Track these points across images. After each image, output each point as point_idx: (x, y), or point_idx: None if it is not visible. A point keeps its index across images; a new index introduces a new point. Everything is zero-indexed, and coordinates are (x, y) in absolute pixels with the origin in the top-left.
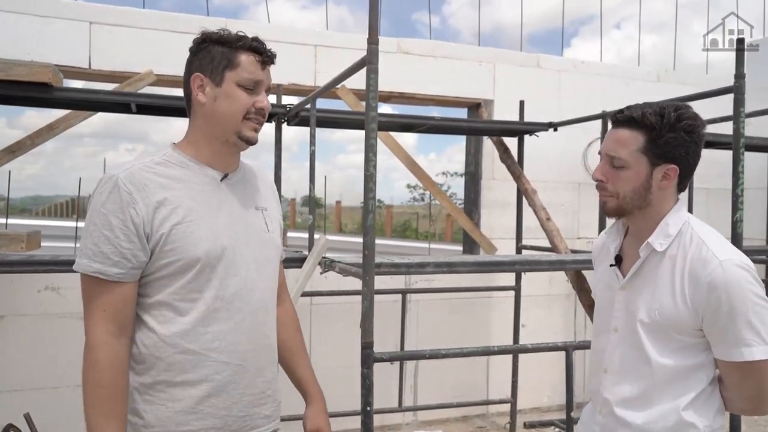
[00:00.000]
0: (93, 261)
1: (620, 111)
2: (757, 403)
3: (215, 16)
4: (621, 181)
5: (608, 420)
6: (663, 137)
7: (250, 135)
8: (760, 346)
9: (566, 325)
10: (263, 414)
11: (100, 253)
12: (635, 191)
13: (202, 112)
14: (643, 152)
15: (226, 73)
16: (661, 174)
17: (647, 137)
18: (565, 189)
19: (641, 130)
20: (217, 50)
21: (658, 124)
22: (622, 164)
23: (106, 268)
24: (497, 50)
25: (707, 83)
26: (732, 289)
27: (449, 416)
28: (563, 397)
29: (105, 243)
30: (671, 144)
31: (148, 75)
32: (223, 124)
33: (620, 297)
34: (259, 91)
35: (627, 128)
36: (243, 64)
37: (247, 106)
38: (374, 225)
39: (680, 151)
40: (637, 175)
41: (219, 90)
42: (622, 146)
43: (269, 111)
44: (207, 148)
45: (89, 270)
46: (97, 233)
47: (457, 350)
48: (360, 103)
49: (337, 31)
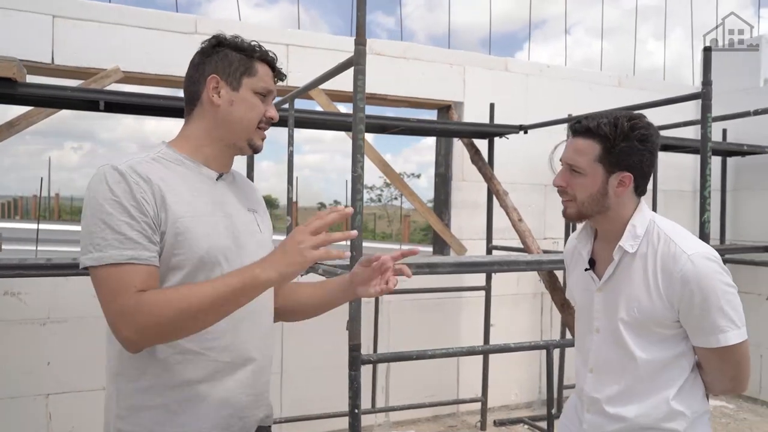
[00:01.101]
0: (123, 248)
1: (578, 121)
2: (737, 382)
3: (165, 10)
4: (579, 188)
5: (598, 418)
6: (617, 146)
7: (259, 144)
8: (733, 330)
9: (533, 324)
10: (258, 416)
11: (128, 240)
12: (592, 197)
13: (213, 114)
14: (599, 161)
15: (244, 79)
16: (617, 181)
17: (602, 146)
18: (531, 191)
19: (597, 140)
20: (234, 56)
21: (612, 134)
22: (580, 172)
23: (139, 252)
24: (467, 53)
25: (664, 88)
26: (703, 280)
27: (420, 416)
28: (531, 395)
29: (128, 228)
30: (625, 152)
31: (114, 72)
32: (237, 128)
33: (599, 299)
34: (269, 101)
35: (584, 138)
36: (260, 73)
37: (261, 114)
38: (361, 226)
39: (634, 159)
40: (593, 182)
41: (236, 94)
42: (579, 155)
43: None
44: (207, 149)
45: (123, 258)
46: (116, 221)
47: (443, 350)
48: (332, 104)
49: (303, 29)
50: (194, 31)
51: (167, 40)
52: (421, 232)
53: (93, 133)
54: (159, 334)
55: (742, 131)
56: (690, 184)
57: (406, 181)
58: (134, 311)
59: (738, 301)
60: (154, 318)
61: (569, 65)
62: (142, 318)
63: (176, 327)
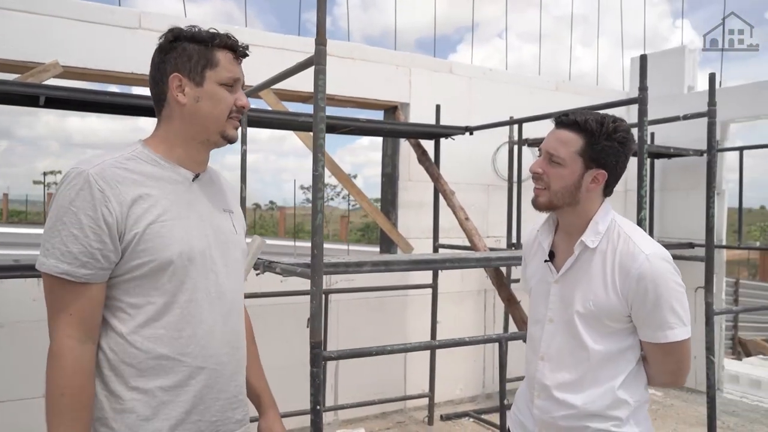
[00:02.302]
0: (60, 261)
1: (565, 114)
2: (677, 376)
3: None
4: (555, 177)
5: (547, 403)
6: (600, 144)
7: (233, 134)
8: (680, 328)
9: (477, 319)
10: (235, 418)
11: (68, 253)
12: (566, 188)
13: (180, 113)
14: (580, 154)
15: (207, 72)
16: (591, 177)
17: (586, 141)
18: (475, 190)
19: (582, 134)
20: (193, 48)
21: (598, 131)
22: (559, 162)
23: (75, 269)
24: (413, 55)
25: (598, 93)
26: (658, 279)
27: (369, 414)
28: (475, 389)
29: (73, 242)
30: (605, 151)
31: (53, 66)
32: (207, 124)
33: (555, 290)
34: (237, 89)
35: (569, 130)
36: (222, 62)
37: (230, 105)
38: (323, 225)
39: (611, 159)
40: (571, 174)
41: (201, 90)
42: (562, 145)
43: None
44: (181, 149)
45: (56, 271)
46: (66, 232)
47: (402, 346)
48: (280, 103)
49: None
50: (138, 26)
51: (109, 35)
52: (359, 233)
53: (10, 131)
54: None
55: (667, 135)
56: (621, 184)
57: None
58: (52, 356)
59: (686, 300)
60: (48, 379)
61: (500, 68)
62: (49, 369)
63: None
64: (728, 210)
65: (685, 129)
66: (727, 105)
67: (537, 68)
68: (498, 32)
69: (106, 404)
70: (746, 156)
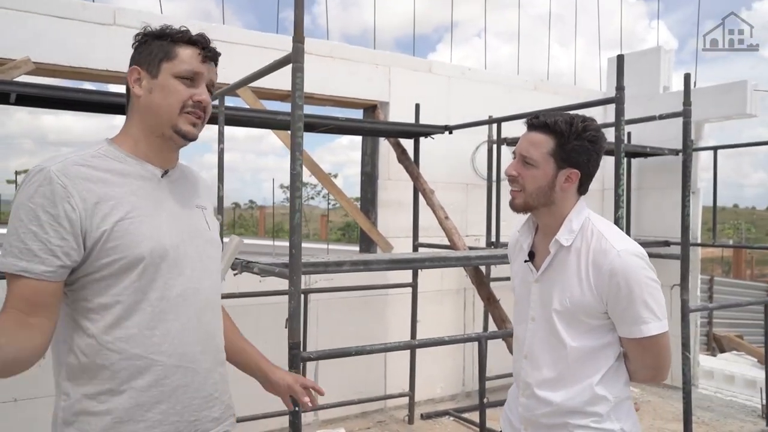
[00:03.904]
0: (19, 259)
1: (536, 116)
2: (657, 371)
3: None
4: (529, 179)
5: (530, 401)
6: (570, 143)
7: (187, 129)
8: (654, 322)
9: (456, 318)
10: (212, 417)
11: (27, 251)
12: (540, 189)
13: (138, 105)
14: (551, 155)
15: (163, 64)
16: (565, 177)
17: (556, 142)
18: (454, 189)
19: (552, 135)
20: (156, 44)
21: (567, 132)
22: (532, 163)
23: (33, 266)
24: (393, 54)
25: (575, 93)
26: (629, 274)
27: (349, 413)
28: (455, 388)
29: (32, 239)
30: (576, 150)
31: (25, 63)
32: (159, 116)
33: (535, 289)
34: (198, 85)
35: (540, 132)
36: (181, 55)
37: (183, 98)
38: (301, 224)
39: (583, 157)
40: (544, 175)
41: (155, 81)
42: (534, 147)
43: (210, 108)
44: (144, 143)
45: (14, 269)
46: (24, 229)
47: (382, 345)
48: (258, 101)
49: (201, 21)
50: (112, 22)
51: (83, 31)
52: (339, 232)
53: None
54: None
55: (643, 135)
56: (599, 183)
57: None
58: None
59: (661, 295)
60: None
61: (477, 68)
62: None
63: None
64: (702, 208)
65: (661, 128)
66: (700, 105)
67: (515, 68)
68: (476, 32)
69: (80, 407)
70: (719, 155)
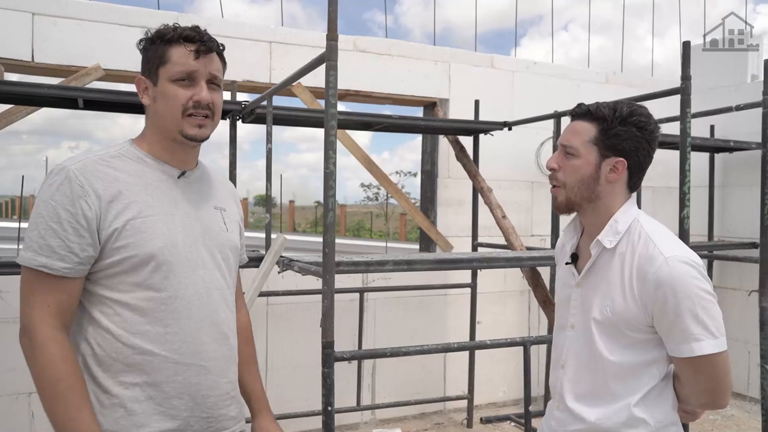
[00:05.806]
0: (38, 254)
1: (578, 105)
2: (713, 396)
3: (166, 10)
4: (570, 170)
5: (564, 415)
6: (614, 129)
7: (193, 132)
8: (709, 340)
9: (520, 321)
10: (229, 415)
11: (47, 246)
12: (582, 181)
13: (149, 114)
14: (594, 143)
15: (160, 70)
16: (610, 166)
17: (599, 128)
18: (518, 187)
19: (594, 122)
20: (152, 49)
21: (610, 117)
22: (573, 152)
23: (52, 262)
24: (452, 50)
25: (653, 85)
26: (677, 284)
27: (407, 414)
28: (519, 392)
29: (52, 236)
30: (621, 137)
31: (95, 69)
32: (166, 123)
33: (576, 294)
34: (196, 83)
35: (582, 120)
36: (173, 57)
37: (183, 102)
38: (334, 223)
39: (629, 144)
40: (586, 164)
41: (157, 89)
42: (575, 136)
43: (217, 104)
44: (159, 146)
45: (34, 263)
46: (44, 225)
47: (417, 347)
48: (316, 101)
49: (289, 27)
50: None
51: None
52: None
53: (89, 133)
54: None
55: (729, 127)
56: (678, 180)
57: (403, 180)
58: (37, 347)
59: (717, 309)
60: (38, 371)
61: (562, 62)
62: (35, 360)
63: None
64: None
65: (748, 121)
66: None
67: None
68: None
69: (94, 398)
70: None
